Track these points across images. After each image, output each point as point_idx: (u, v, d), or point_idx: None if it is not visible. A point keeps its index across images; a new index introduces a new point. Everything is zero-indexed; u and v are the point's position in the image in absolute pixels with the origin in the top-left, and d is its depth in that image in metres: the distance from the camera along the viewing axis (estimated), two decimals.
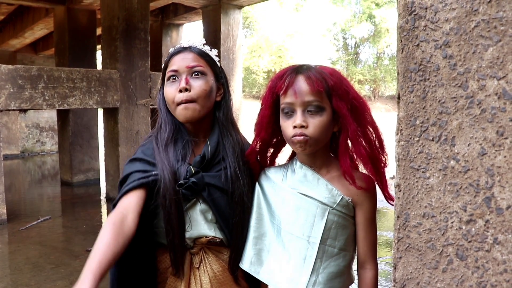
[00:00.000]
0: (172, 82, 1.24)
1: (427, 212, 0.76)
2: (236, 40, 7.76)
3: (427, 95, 0.75)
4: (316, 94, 1.07)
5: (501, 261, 0.67)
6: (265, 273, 1.17)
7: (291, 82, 1.09)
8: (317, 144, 1.11)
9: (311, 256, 1.11)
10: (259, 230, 1.21)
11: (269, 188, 1.23)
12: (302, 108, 1.08)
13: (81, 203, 6.90)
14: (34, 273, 3.86)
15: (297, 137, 1.08)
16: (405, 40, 0.78)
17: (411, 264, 0.79)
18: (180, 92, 1.20)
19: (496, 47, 0.66)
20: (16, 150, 12.89)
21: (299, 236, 1.12)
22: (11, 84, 5.33)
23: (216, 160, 1.27)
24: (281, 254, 1.15)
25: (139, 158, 1.25)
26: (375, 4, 26.45)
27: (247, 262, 1.21)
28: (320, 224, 1.11)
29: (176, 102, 1.21)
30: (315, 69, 1.11)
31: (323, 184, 1.15)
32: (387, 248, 4.54)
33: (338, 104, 1.09)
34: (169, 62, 1.26)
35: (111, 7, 6.53)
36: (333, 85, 1.09)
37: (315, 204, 1.12)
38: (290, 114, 1.10)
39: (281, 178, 1.21)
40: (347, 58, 28.97)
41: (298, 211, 1.13)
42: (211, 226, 1.24)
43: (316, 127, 1.08)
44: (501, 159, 0.66)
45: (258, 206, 1.23)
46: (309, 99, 1.07)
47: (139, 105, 6.73)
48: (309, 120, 1.08)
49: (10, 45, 12.39)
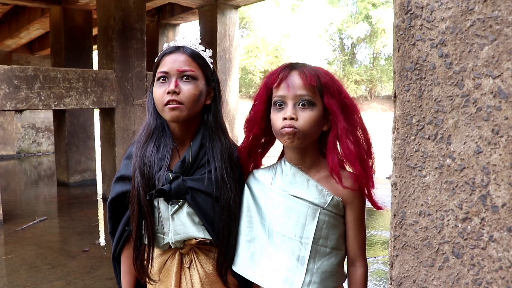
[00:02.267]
0: (162, 83, 1.23)
1: (423, 210, 0.76)
2: (233, 40, 7.76)
3: (423, 93, 0.75)
4: (308, 89, 1.09)
5: (497, 259, 0.67)
6: (259, 276, 1.17)
7: (285, 76, 1.11)
8: (305, 138, 1.12)
9: (304, 256, 1.12)
10: (251, 233, 1.21)
11: (258, 190, 1.23)
12: (293, 102, 1.10)
13: (78, 203, 6.87)
14: (31, 273, 3.85)
15: (286, 128, 1.09)
16: (401, 39, 0.78)
17: (407, 262, 0.79)
18: (168, 93, 1.20)
19: (492, 46, 0.66)
20: (12, 151, 12.83)
21: (291, 237, 1.13)
22: (6, 84, 5.31)
23: (200, 163, 1.27)
24: (274, 255, 1.15)
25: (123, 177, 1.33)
26: (371, 5, 26.52)
27: (241, 265, 1.21)
28: (311, 225, 1.12)
29: (163, 102, 1.21)
30: (309, 66, 1.14)
31: (313, 185, 1.16)
32: (384, 247, 4.55)
33: (329, 101, 1.11)
34: (161, 62, 1.25)
35: (107, 7, 6.52)
36: (325, 82, 1.12)
37: (306, 205, 1.13)
38: (281, 107, 1.12)
39: (270, 179, 1.21)
40: (343, 58, 29.04)
41: (289, 213, 1.14)
42: (199, 228, 1.24)
43: (306, 120, 1.09)
44: (496, 157, 0.67)
45: (247, 209, 1.23)
46: (301, 93, 1.09)
47: (135, 105, 6.72)
48: (300, 113, 1.10)
49: (6, 45, 12.34)
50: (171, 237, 1.24)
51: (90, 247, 4.59)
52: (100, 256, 4.33)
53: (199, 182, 1.23)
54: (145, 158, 1.24)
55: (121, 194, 1.30)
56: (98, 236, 5.08)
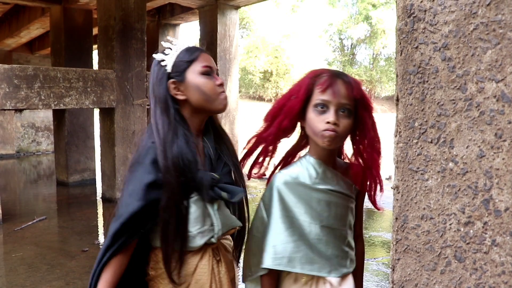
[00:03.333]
0: (208, 76, 1.31)
1: (425, 214, 0.76)
2: (233, 41, 7.76)
3: (425, 97, 0.75)
4: (350, 99, 1.21)
5: (499, 263, 0.67)
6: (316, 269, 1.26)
7: (332, 83, 1.21)
8: (340, 142, 1.27)
9: (348, 241, 1.32)
10: (295, 233, 1.26)
11: (297, 189, 1.28)
12: (335, 108, 1.20)
13: (77, 203, 6.87)
14: (30, 273, 3.84)
15: (329, 132, 1.19)
16: (404, 42, 0.78)
17: (409, 265, 0.79)
18: (220, 85, 1.32)
19: (495, 50, 0.66)
20: (11, 150, 12.82)
21: (335, 228, 1.29)
22: (6, 83, 5.30)
23: (218, 158, 1.36)
24: (324, 247, 1.27)
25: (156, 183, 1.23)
26: (371, 5, 26.54)
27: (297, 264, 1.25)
28: (348, 213, 1.32)
29: (218, 92, 1.31)
30: (352, 77, 1.26)
31: (341, 179, 1.31)
32: (384, 248, 4.55)
33: (363, 113, 1.25)
34: (200, 57, 1.31)
35: (107, 7, 6.51)
36: (361, 95, 1.24)
37: (342, 197, 1.30)
38: (322, 110, 1.21)
39: (306, 178, 1.29)
40: (343, 59, 29.04)
41: (330, 206, 1.28)
42: (234, 218, 1.39)
43: (345, 127, 1.22)
44: (499, 161, 0.66)
45: (284, 210, 1.27)
46: (344, 101, 1.20)
47: (135, 105, 6.71)
48: (340, 120, 1.21)
49: (6, 44, 12.32)
50: (218, 230, 1.31)
51: (89, 247, 4.59)
52: None
53: (226, 176, 1.35)
54: (182, 159, 1.23)
55: (154, 200, 1.23)
56: (97, 236, 5.07)
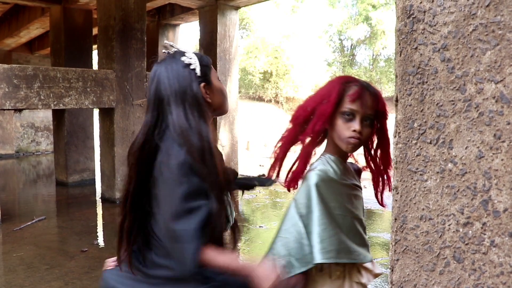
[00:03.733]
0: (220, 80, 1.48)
1: (424, 215, 0.76)
2: (233, 41, 7.76)
3: (425, 98, 0.75)
4: (373, 110, 1.32)
5: (498, 264, 0.67)
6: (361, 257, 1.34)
7: (361, 94, 1.29)
8: (359, 147, 1.36)
9: (365, 230, 1.42)
10: (335, 228, 1.30)
11: (332, 185, 1.35)
12: (361, 117, 1.30)
13: (76, 203, 6.86)
14: (29, 273, 3.84)
15: (354, 139, 1.29)
16: (403, 43, 0.78)
17: (408, 266, 0.79)
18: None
19: (494, 51, 0.66)
20: (10, 150, 12.81)
21: (360, 218, 1.39)
22: (6, 83, 5.30)
23: None
24: (359, 237, 1.37)
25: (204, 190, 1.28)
26: (371, 6, 26.55)
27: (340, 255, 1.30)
28: (363, 204, 1.43)
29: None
30: (376, 89, 1.36)
31: (355, 174, 1.44)
32: (383, 249, 4.55)
33: (383, 122, 1.37)
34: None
35: (107, 7, 6.52)
36: (382, 107, 1.35)
37: (359, 190, 1.42)
38: (350, 118, 1.30)
39: (333, 174, 1.35)
40: (343, 59, 29.04)
41: (354, 199, 1.38)
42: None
43: (367, 135, 1.33)
44: (498, 162, 0.66)
45: (324, 205, 1.30)
46: (369, 112, 1.30)
47: (135, 105, 6.71)
48: (363, 128, 1.31)
49: (5, 44, 12.32)
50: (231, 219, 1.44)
51: (88, 247, 4.58)
52: (98, 256, 4.32)
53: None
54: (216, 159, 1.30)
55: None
56: (96, 237, 5.07)
